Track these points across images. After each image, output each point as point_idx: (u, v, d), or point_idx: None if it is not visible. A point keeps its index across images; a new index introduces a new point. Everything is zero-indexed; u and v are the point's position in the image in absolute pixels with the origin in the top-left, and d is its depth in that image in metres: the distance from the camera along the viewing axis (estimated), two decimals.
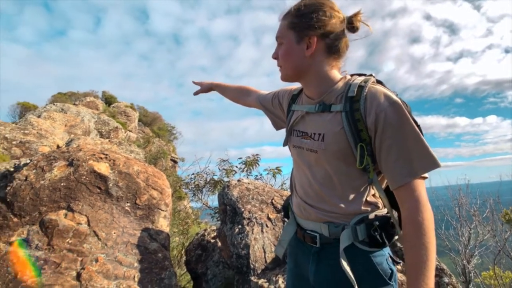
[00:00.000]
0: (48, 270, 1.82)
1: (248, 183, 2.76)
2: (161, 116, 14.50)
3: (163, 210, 2.65)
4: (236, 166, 5.35)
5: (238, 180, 2.80)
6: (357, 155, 0.83)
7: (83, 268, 1.91)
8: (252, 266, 2.02)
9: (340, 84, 0.91)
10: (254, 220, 2.30)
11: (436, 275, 1.86)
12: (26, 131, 4.71)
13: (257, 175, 5.22)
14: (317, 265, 0.94)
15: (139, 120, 12.34)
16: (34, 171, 2.39)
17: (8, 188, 2.22)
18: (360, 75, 0.94)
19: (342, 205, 0.88)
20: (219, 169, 5.52)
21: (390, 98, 0.81)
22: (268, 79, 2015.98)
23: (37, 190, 2.25)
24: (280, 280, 1.85)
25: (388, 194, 0.88)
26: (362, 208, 0.88)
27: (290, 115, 1.06)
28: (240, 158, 5.27)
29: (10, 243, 1.97)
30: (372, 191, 0.90)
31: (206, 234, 3.13)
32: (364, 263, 0.87)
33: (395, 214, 0.89)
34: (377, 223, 0.85)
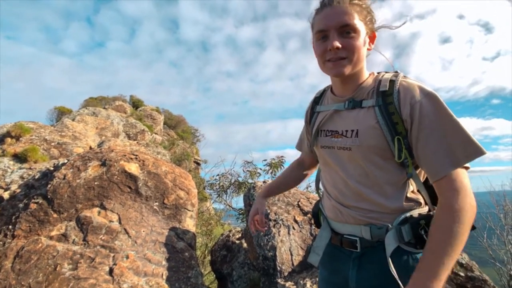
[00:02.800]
0: (84, 264, 1.91)
1: None
2: (185, 119, 14.87)
3: (190, 210, 2.70)
4: (261, 169, 5.35)
5: (264, 182, 2.79)
6: (394, 149, 0.81)
7: (115, 264, 1.98)
8: (279, 268, 1.99)
9: (369, 80, 0.91)
10: (280, 222, 2.27)
11: (477, 287, 1.73)
12: (62, 133, 5.02)
13: None
14: (358, 271, 0.90)
15: (164, 123, 12.72)
16: (71, 170, 2.53)
17: (49, 186, 2.36)
18: (386, 72, 0.93)
19: (383, 202, 0.85)
20: (244, 171, 5.55)
21: (424, 89, 0.80)
22: (292, 83, 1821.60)
23: (74, 188, 2.38)
24: (308, 284, 1.80)
25: (428, 189, 0.84)
26: (404, 204, 0.84)
27: (315, 117, 1.04)
28: (265, 160, 5.25)
29: (51, 237, 2.09)
30: (412, 187, 0.87)
31: (231, 235, 3.15)
32: (413, 266, 0.82)
33: None
34: (423, 221, 0.81)
